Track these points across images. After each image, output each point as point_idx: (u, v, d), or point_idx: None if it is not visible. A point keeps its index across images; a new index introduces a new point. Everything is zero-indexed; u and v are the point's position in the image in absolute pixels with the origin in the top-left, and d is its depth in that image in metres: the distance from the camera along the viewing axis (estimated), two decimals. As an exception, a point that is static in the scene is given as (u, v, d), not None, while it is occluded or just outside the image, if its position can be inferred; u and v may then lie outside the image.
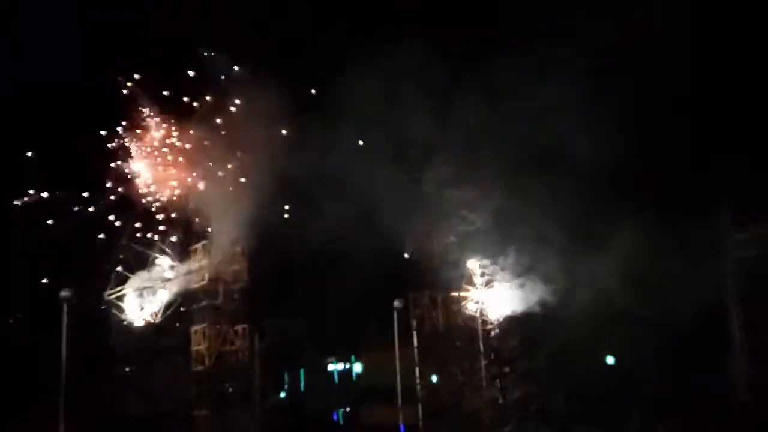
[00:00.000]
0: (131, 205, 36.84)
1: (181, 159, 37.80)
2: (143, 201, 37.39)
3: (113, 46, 35.38)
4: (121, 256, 36.54)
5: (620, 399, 36.79)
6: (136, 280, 36.94)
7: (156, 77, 36.85)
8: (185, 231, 37.87)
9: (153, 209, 37.20)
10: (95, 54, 35.05)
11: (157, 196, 37.49)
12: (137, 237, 36.71)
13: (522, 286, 39.38)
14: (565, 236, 36.34)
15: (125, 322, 37.18)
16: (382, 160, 36.61)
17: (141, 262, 37.11)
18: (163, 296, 37.80)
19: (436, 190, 39.18)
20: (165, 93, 37.23)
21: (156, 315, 37.69)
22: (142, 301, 37.23)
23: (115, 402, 34.95)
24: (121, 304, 37.13)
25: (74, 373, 29.49)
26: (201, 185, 37.55)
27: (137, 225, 36.66)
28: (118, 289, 36.93)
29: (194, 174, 37.81)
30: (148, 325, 37.45)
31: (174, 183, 37.71)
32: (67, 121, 34.82)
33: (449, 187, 39.20)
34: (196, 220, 37.58)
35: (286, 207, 37.67)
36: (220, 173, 37.61)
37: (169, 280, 37.76)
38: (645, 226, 35.85)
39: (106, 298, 36.69)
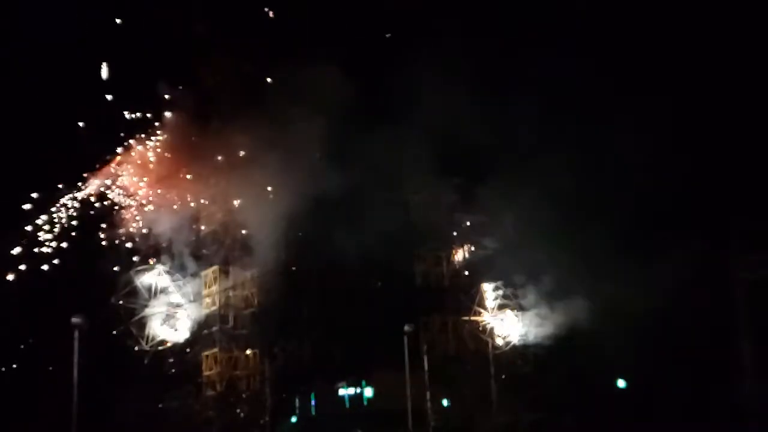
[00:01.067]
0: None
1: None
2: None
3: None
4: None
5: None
6: (157, 305, 36.88)
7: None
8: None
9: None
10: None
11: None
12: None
13: (534, 311, 39.44)
14: (578, 261, 36.31)
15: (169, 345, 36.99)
16: (395, 184, 36.88)
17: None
18: (195, 313, 37.79)
19: (449, 214, 39.39)
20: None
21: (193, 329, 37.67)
22: (170, 323, 37.15)
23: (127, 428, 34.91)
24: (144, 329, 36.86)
25: (86, 399, 29.49)
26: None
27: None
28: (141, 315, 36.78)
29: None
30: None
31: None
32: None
33: (462, 211, 39.40)
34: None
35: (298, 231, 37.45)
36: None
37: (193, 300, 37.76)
38: (657, 248, 35.93)
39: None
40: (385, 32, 36.97)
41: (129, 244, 36.24)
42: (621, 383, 40.45)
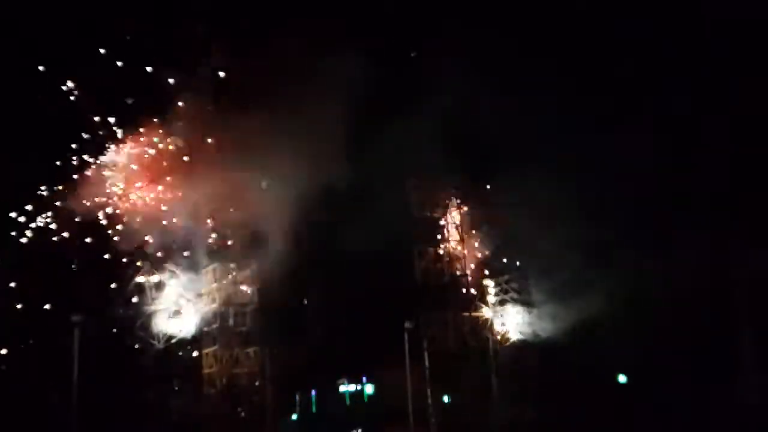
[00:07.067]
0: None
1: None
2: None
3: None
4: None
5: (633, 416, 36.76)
6: (163, 302, 36.77)
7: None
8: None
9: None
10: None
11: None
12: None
13: (535, 306, 39.46)
14: (577, 258, 36.34)
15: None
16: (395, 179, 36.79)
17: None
18: (200, 308, 37.67)
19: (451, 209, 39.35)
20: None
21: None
22: (178, 318, 37.02)
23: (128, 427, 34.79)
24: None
25: (86, 397, 29.39)
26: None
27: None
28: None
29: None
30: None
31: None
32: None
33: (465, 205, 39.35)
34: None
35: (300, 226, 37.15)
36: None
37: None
38: (657, 243, 36.00)
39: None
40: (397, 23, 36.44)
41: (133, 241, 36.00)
42: (622, 378, 40.53)
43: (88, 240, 35.42)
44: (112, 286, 35.54)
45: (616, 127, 35.76)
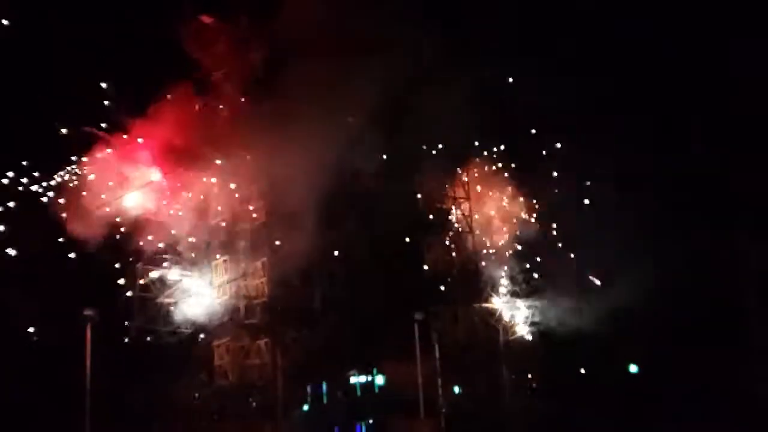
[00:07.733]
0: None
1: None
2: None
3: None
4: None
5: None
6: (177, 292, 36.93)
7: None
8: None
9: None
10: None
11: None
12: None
13: (545, 298, 39.53)
14: (583, 252, 36.41)
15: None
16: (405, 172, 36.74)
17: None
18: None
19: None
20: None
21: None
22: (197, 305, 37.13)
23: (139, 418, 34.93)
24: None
25: (99, 389, 29.47)
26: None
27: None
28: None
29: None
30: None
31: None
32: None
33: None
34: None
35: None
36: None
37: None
38: (668, 235, 36.05)
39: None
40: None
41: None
42: (633, 368, 40.64)
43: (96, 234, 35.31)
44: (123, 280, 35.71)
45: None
